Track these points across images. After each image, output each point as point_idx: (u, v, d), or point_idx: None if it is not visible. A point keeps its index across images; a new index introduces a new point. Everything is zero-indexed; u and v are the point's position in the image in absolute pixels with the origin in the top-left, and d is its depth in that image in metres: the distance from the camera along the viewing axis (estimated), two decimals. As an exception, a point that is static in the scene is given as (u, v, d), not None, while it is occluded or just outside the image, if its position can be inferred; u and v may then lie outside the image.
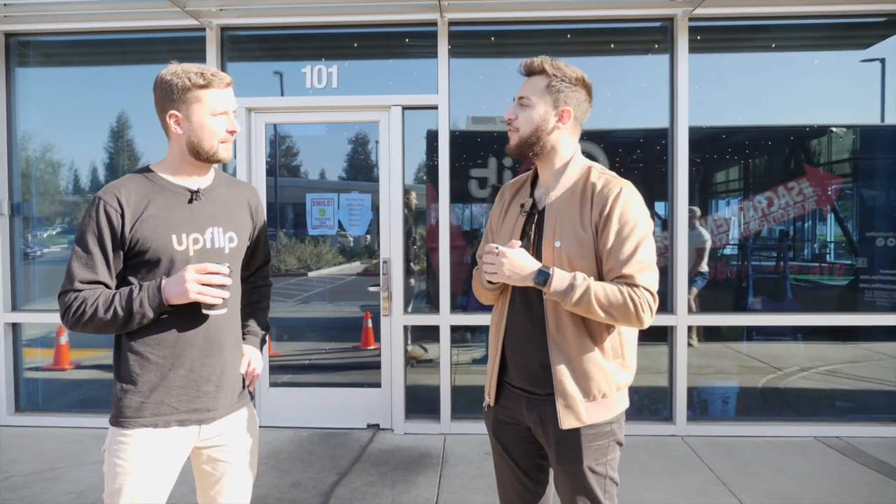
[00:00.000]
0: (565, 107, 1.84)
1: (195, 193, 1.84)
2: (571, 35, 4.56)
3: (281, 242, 4.82)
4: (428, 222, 4.63)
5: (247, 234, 2.00)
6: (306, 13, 4.41)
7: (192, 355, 1.81)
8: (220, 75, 1.79)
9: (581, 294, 1.66)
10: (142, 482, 1.75)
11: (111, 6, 4.22)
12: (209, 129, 1.79)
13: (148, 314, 1.71)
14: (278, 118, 4.64)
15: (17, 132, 4.75)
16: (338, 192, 4.70)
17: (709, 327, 4.71)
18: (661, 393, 4.62)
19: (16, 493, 3.57)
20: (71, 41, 4.73)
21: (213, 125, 1.79)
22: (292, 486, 3.66)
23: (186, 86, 1.75)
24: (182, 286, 1.69)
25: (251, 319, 2.13)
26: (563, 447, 1.79)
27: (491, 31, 4.59)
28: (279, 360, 4.88)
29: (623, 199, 1.74)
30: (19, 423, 4.72)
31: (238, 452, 1.95)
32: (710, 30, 4.50)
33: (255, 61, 4.71)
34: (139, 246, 1.75)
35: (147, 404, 1.77)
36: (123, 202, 1.74)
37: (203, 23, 4.40)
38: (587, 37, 4.58)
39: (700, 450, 4.17)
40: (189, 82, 1.75)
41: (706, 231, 4.72)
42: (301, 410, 4.69)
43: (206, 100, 1.77)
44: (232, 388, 1.92)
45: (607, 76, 4.57)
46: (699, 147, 4.53)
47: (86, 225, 1.74)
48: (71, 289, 1.72)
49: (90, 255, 1.73)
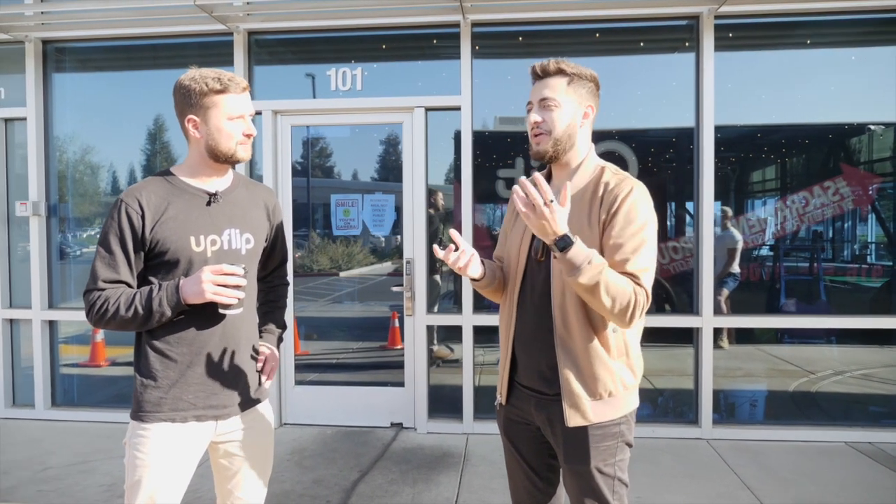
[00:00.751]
0: (589, 103, 1.87)
1: (213, 196, 1.90)
2: (596, 34, 4.53)
3: (314, 243, 4.88)
4: (455, 222, 4.65)
5: (263, 235, 2.04)
6: (331, 16, 4.47)
7: (210, 353, 1.87)
8: (236, 80, 1.84)
9: (595, 272, 1.59)
10: (160, 474, 1.81)
11: (142, 13, 4.33)
12: (226, 132, 1.84)
13: (166, 313, 1.76)
14: (304, 120, 4.71)
15: (53, 135, 4.91)
16: (362, 192, 4.75)
17: (741, 329, 4.62)
18: (686, 395, 4.56)
19: (50, 484, 3.70)
20: (105, 47, 4.86)
21: (229, 129, 1.84)
22: (315, 483, 3.72)
23: (204, 91, 1.80)
24: (198, 286, 1.74)
25: (269, 318, 2.19)
26: (570, 447, 1.80)
27: (515, 31, 4.58)
28: (307, 358, 4.94)
29: (633, 198, 1.73)
30: (55, 417, 4.88)
31: (254, 447, 2.00)
32: (740, 27, 4.42)
33: (282, 64, 4.79)
34: (159, 247, 1.81)
35: (166, 399, 1.83)
36: (144, 204, 1.80)
37: (230, 27, 4.50)
38: (612, 36, 4.54)
39: (725, 454, 4.11)
40: (206, 87, 1.80)
41: (738, 231, 4.63)
42: (326, 409, 4.75)
43: (222, 104, 1.82)
44: (247, 385, 1.97)
45: (634, 75, 4.53)
46: (732, 146, 4.47)
47: (108, 226, 1.80)
48: (95, 287, 1.79)
49: (112, 255, 1.79)
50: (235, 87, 1.83)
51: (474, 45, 4.50)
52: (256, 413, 2.02)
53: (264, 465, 2.05)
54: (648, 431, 4.41)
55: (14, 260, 4.99)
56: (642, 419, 4.55)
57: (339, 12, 4.43)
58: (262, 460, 2.04)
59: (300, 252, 4.87)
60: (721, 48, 4.35)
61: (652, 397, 4.63)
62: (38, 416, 4.90)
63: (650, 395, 4.61)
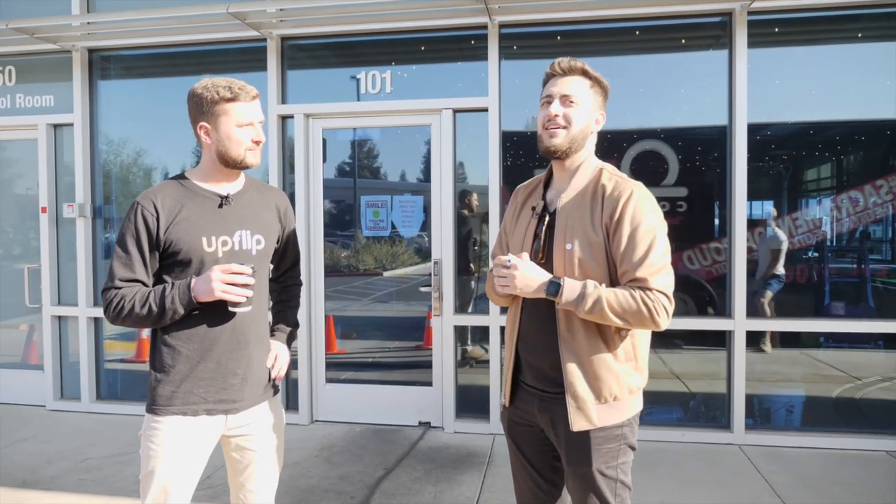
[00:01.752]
0: (602, 111, 1.90)
1: (225, 199, 1.97)
2: (626, 33, 4.48)
3: (360, 243, 4.96)
4: (489, 223, 4.67)
5: (275, 237, 2.11)
6: (360, 21, 4.54)
7: (220, 349, 1.93)
8: (246, 89, 1.91)
9: (593, 302, 1.67)
10: (172, 466, 1.89)
11: (179, 21, 4.49)
12: (235, 139, 1.91)
13: (179, 310, 1.84)
14: (335, 123, 4.80)
15: (98, 140, 5.13)
16: (391, 193, 4.81)
17: (786, 333, 4.48)
18: (719, 400, 4.47)
19: (91, 473, 3.87)
20: (147, 55, 5.05)
21: (239, 136, 1.91)
22: (341, 479, 3.79)
23: (215, 99, 1.88)
24: (208, 285, 1.82)
25: (281, 317, 2.26)
26: (573, 449, 1.80)
27: (544, 32, 4.57)
28: (341, 357, 5.02)
29: (634, 201, 1.73)
30: (100, 410, 5.10)
31: (264, 442, 2.06)
32: (779, 22, 4.30)
33: (313, 69, 4.89)
34: (172, 247, 1.89)
35: (177, 394, 1.91)
36: (159, 207, 1.89)
37: (264, 33, 4.62)
38: (642, 34, 4.48)
39: (757, 460, 4.01)
40: (217, 96, 1.87)
41: (782, 232, 4.49)
42: (356, 407, 4.83)
43: (232, 112, 1.89)
44: (257, 381, 2.03)
45: (666, 73, 4.45)
46: (780, 144, 4.36)
47: (125, 228, 1.89)
48: (112, 286, 1.88)
49: (129, 255, 1.88)
50: (245, 95, 1.90)
51: (502, 46, 4.51)
52: (267, 409, 2.08)
53: (275, 459, 2.11)
54: (678, 435, 4.34)
55: (63, 259, 5.23)
56: (672, 423, 4.48)
57: (369, 17, 4.49)
58: (273, 455, 2.10)
59: (345, 252, 4.96)
60: (755, 45, 4.24)
61: (684, 401, 4.55)
62: (83, 409, 5.12)
63: (682, 398, 4.54)
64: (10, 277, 5.37)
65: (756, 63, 4.25)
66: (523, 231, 1.92)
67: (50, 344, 5.17)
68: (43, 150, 5.09)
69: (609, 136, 4.49)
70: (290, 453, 4.20)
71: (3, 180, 5.48)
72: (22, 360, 5.46)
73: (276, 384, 2.14)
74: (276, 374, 2.11)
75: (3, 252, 5.48)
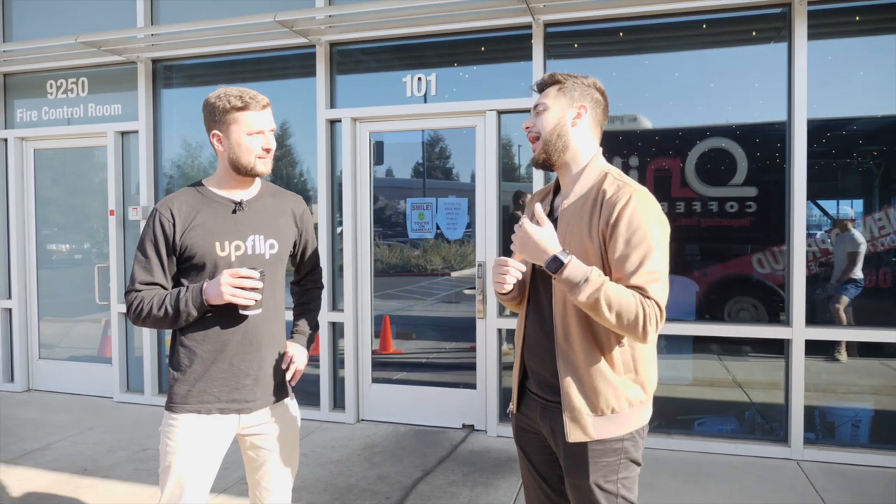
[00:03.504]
0: (581, 103, 1.82)
1: (238, 205, 2.04)
2: (676, 29, 4.32)
3: (429, 243, 5.02)
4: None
5: (290, 241, 2.16)
6: (404, 24, 4.56)
7: (232, 350, 2.00)
8: (257, 98, 1.96)
9: (593, 290, 1.57)
10: (187, 461, 1.96)
11: (230, 31, 4.66)
12: (245, 147, 1.97)
13: (192, 312, 1.92)
14: (381, 126, 4.86)
15: (161, 146, 5.38)
16: (436, 196, 4.82)
17: (866, 342, 4.18)
18: (777, 411, 4.24)
19: (145, 464, 4.06)
20: (205, 63, 5.28)
21: (249, 143, 1.97)
22: (378, 479, 3.82)
23: (226, 108, 1.94)
24: (218, 289, 1.88)
25: (301, 319, 2.30)
26: (570, 460, 1.75)
27: (591, 30, 4.47)
28: (392, 357, 5.06)
29: (632, 207, 1.65)
30: (161, 403, 5.34)
31: (278, 442, 2.11)
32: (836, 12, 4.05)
33: (360, 73, 4.96)
34: (188, 252, 1.97)
35: (192, 392, 1.98)
36: (175, 213, 1.97)
37: (312, 40, 4.73)
38: (695, 29, 4.31)
39: (816, 477, 3.77)
40: (228, 105, 1.94)
41: (860, 234, 4.20)
42: (401, 407, 4.86)
43: (243, 121, 1.95)
44: (270, 382, 2.08)
45: (723, 68, 4.26)
46: (871, 139, 4.09)
47: (145, 233, 1.99)
48: (133, 289, 1.98)
49: (148, 259, 1.97)
50: (256, 104, 1.95)
51: (547, 45, 4.44)
52: (282, 409, 2.13)
53: (289, 458, 2.16)
54: (731, 448, 4.14)
55: (129, 259, 5.52)
56: (726, 434, 4.28)
57: (413, 20, 4.50)
58: (288, 454, 2.15)
59: (416, 251, 5.00)
60: (818, 36, 4.00)
61: (739, 411, 4.34)
62: (145, 402, 5.39)
63: (738, 408, 4.33)
64: (86, 276, 5.70)
65: (823, 55, 4.01)
66: None
67: (117, 339, 5.47)
68: (111, 156, 5.40)
69: (670, 135, 4.34)
70: (332, 451, 4.28)
71: (79, 184, 5.85)
72: (97, 353, 5.80)
73: (293, 385, 2.18)
74: (292, 376, 2.15)
75: (81, 252, 5.84)
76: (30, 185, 5.77)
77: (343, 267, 4.85)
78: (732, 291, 4.47)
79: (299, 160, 5.18)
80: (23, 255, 5.76)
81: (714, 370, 4.42)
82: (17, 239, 5.72)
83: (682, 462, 4.02)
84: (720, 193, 4.26)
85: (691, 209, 4.31)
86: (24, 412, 5.18)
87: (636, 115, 4.46)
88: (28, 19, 5.65)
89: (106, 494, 3.61)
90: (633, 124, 4.46)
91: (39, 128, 5.64)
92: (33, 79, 5.67)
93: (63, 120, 5.59)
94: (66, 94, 5.58)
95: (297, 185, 5.17)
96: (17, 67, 5.57)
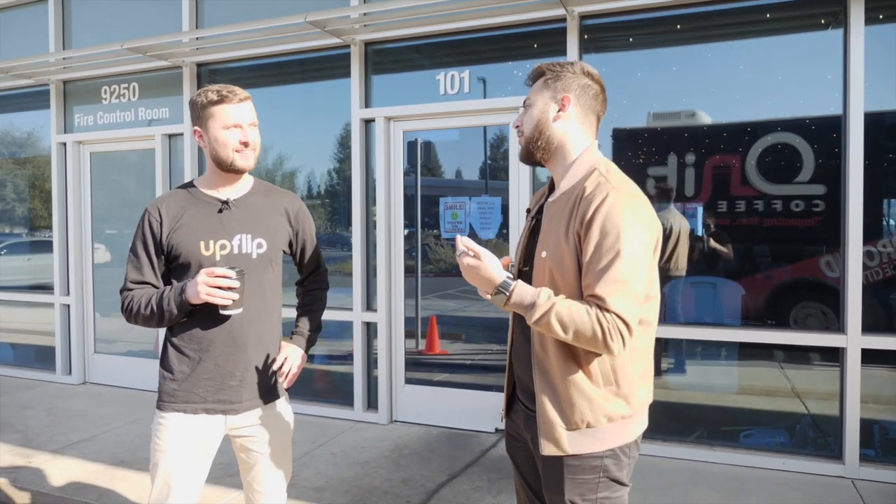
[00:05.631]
0: (564, 94, 1.70)
1: (224, 203, 2.02)
2: (720, 17, 4.08)
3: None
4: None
5: (283, 240, 2.13)
6: (438, 21, 4.49)
7: (217, 351, 1.99)
8: (235, 91, 1.94)
9: (542, 313, 1.49)
10: (173, 460, 1.96)
11: (263, 33, 4.71)
12: (222, 140, 1.95)
13: (174, 311, 1.91)
14: (414, 125, 4.81)
15: (205, 148, 5.51)
16: (469, 195, 4.74)
17: None
18: (831, 424, 3.93)
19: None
20: (244, 66, 5.37)
21: (225, 137, 1.95)
22: (402, 482, 3.77)
23: (203, 103, 1.93)
24: (195, 288, 1.87)
25: (302, 320, 2.27)
26: (547, 473, 1.65)
27: (629, 21, 4.27)
28: (429, 358, 5.01)
29: (607, 207, 1.52)
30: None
31: (268, 444, 2.08)
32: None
33: (393, 73, 4.94)
34: (174, 251, 1.98)
35: (179, 392, 1.98)
36: (163, 213, 1.99)
37: (346, 40, 4.73)
38: (741, 17, 4.06)
39: (872, 499, 3.48)
40: (206, 100, 1.93)
41: None
42: (434, 409, 4.80)
43: (220, 114, 1.94)
44: (257, 384, 2.05)
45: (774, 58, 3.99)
46: None
47: (136, 233, 2.02)
48: (125, 288, 2.01)
49: (138, 259, 2.00)
50: (233, 97, 1.93)
51: (583, 38, 4.28)
52: (271, 411, 2.10)
53: (281, 461, 2.13)
54: (778, 463, 3.87)
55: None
56: (773, 448, 4.01)
57: (446, 16, 4.42)
58: (279, 457, 2.12)
59: None
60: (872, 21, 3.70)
61: (789, 423, 4.05)
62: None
63: (787, 419, 4.04)
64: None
65: (877, 41, 3.70)
66: (520, 239, 1.81)
67: (164, 334, 5.62)
68: (159, 157, 5.58)
69: (729, 130, 4.11)
70: (362, 452, 4.26)
71: (132, 185, 6.08)
72: (154, 349, 5.99)
73: (287, 387, 2.14)
74: (284, 376, 2.09)
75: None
76: (86, 187, 6.04)
77: (377, 267, 4.83)
78: (799, 296, 4.19)
79: (334, 160, 5.20)
80: (79, 254, 6.03)
81: (763, 379, 4.15)
82: (75, 238, 5.99)
83: (723, 476, 3.79)
84: (785, 191, 3.99)
85: (753, 208, 4.06)
86: (76, 404, 5.41)
87: (694, 111, 4.24)
88: (84, 29, 5.91)
89: (138, 486, 3.71)
90: (691, 120, 4.23)
91: (94, 131, 5.89)
92: (90, 85, 5.93)
93: (116, 124, 5.81)
94: (119, 99, 5.80)
95: (331, 186, 5.20)
96: (74, 74, 5.83)
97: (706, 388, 4.27)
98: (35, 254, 6.44)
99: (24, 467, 4.00)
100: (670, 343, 4.32)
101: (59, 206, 6.03)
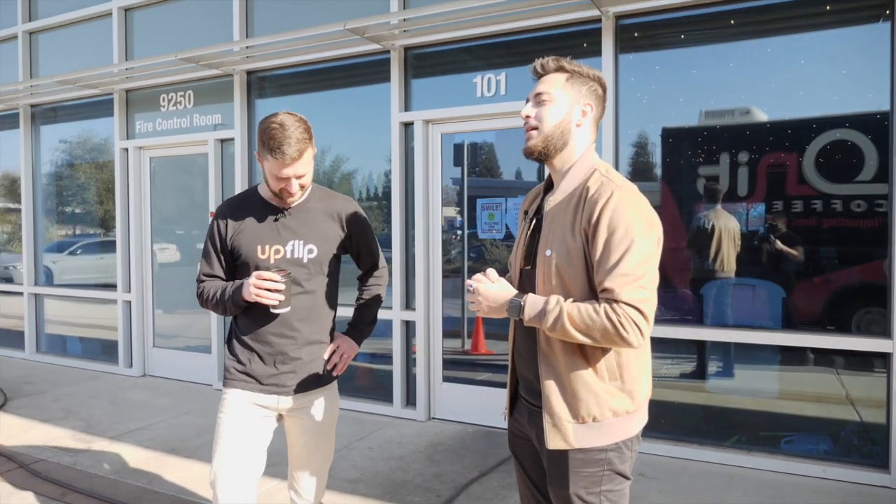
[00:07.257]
0: (588, 101, 1.75)
1: (280, 212, 2.24)
2: (759, 13, 4.00)
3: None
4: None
5: (333, 244, 2.31)
6: (475, 25, 4.55)
7: (270, 342, 2.23)
8: (285, 151, 2.03)
9: (554, 319, 1.56)
10: (232, 431, 2.21)
11: (308, 41, 4.89)
12: (272, 183, 2.17)
13: (231, 305, 2.18)
14: (452, 128, 4.90)
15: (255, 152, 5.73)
16: (505, 196, 4.79)
17: None
18: (877, 432, 3.80)
19: (225, 448, 4.36)
20: (291, 73, 5.59)
21: (275, 182, 2.14)
22: (434, 477, 3.86)
23: (262, 142, 2.09)
24: (247, 289, 2.10)
25: (356, 314, 2.49)
26: (552, 468, 1.70)
27: (666, 20, 4.23)
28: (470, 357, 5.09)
29: (613, 205, 1.58)
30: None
31: (314, 426, 2.31)
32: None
33: (430, 76, 5.03)
34: (236, 252, 2.24)
35: (239, 373, 2.24)
36: (229, 217, 2.25)
37: (385, 45, 4.86)
38: (783, 12, 3.97)
39: (917, 509, 3.35)
40: (263, 143, 2.08)
41: None
42: (470, 407, 4.87)
43: (272, 164, 2.09)
44: (308, 371, 2.27)
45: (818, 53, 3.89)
46: None
47: (207, 234, 2.29)
48: (199, 278, 2.30)
49: (209, 255, 2.29)
50: (282, 157, 2.04)
51: (619, 38, 4.27)
52: (318, 397, 2.32)
53: (324, 442, 2.36)
54: (818, 470, 3.76)
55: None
56: (815, 454, 3.90)
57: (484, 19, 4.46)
58: (323, 437, 2.35)
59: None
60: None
61: (832, 430, 3.93)
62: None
63: (831, 426, 3.92)
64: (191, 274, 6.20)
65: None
66: (520, 237, 1.85)
67: (216, 330, 5.91)
68: (212, 162, 5.85)
69: (785, 127, 4.03)
70: (398, 447, 4.37)
71: (183, 188, 6.40)
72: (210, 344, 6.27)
73: (336, 375, 2.36)
74: (335, 365, 2.33)
75: (191, 250, 6.38)
76: (146, 190, 6.39)
77: (416, 267, 4.93)
78: (862, 301, 4.05)
79: (374, 164, 5.33)
80: (139, 253, 6.39)
81: (808, 384, 4.03)
82: (136, 239, 6.35)
83: (759, 482, 3.72)
84: (845, 191, 3.87)
85: (810, 208, 3.95)
86: (135, 395, 5.74)
87: (749, 108, 4.16)
88: (145, 41, 6.26)
89: (184, 473, 3.92)
90: (746, 118, 4.14)
91: (153, 137, 6.23)
92: (150, 93, 6.28)
93: (172, 130, 6.14)
94: (176, 107, 6.12)
95: (371, 189, 5.34)
96: (135, 84, 6.19)
97: (747, 393, 4.17)
98: (107, 253, 6.84)
99: (85, 450, 4.29)
100: (716, 346, 4.24)
101: (122, 208, 6.41)
